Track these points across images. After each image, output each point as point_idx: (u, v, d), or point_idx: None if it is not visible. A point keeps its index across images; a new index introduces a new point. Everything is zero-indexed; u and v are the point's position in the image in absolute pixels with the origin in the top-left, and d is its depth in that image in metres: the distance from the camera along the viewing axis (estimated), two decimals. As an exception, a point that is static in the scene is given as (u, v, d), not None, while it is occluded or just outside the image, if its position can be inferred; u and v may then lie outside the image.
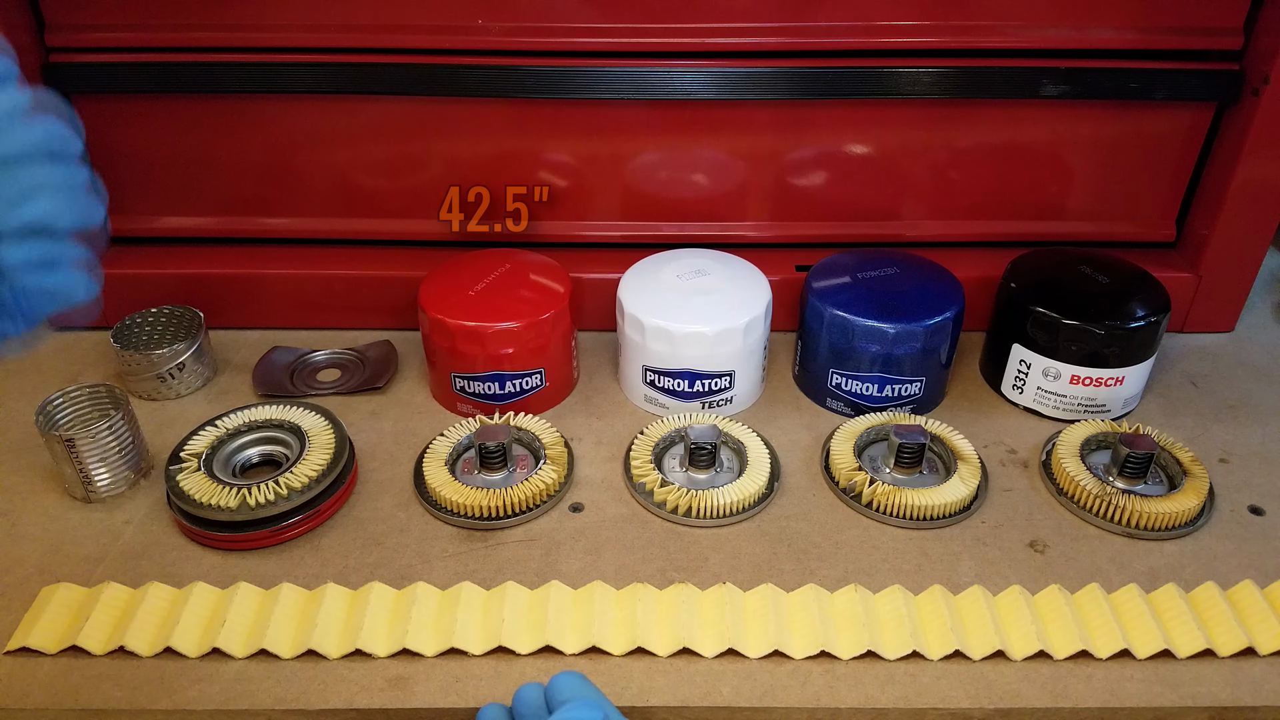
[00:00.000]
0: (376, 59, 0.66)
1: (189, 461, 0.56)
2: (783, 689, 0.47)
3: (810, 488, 0.60)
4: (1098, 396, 0.64)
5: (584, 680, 0.42)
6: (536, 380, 0.65)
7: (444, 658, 0.48)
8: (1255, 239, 0.71)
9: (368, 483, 0.60)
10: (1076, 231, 0.75)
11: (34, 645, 0.48)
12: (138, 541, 0.55)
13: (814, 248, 0.74)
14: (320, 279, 0.73)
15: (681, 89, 0.67)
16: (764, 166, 0.72)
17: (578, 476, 0.61)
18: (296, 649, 0.48)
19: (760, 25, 0.66)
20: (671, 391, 0.65)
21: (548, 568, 0.54)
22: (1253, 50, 0.66)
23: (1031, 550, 0.55)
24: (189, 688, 0.47)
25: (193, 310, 0.69)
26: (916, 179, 0.73)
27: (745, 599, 0.51)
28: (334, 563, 0.54)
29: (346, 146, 0.71)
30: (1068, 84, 0.67)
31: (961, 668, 0.48)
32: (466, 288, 0.64)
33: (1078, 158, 0.72)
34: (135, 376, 0.66)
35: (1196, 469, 0.58)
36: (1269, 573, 0.54)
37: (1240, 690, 0.47)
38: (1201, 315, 0.75)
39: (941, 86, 0.67)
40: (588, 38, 0.66)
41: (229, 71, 0.67)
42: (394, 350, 0.72)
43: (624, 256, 0.70)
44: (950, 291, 0.65)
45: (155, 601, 0.50)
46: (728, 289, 0.65)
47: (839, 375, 0.65)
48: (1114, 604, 0.51)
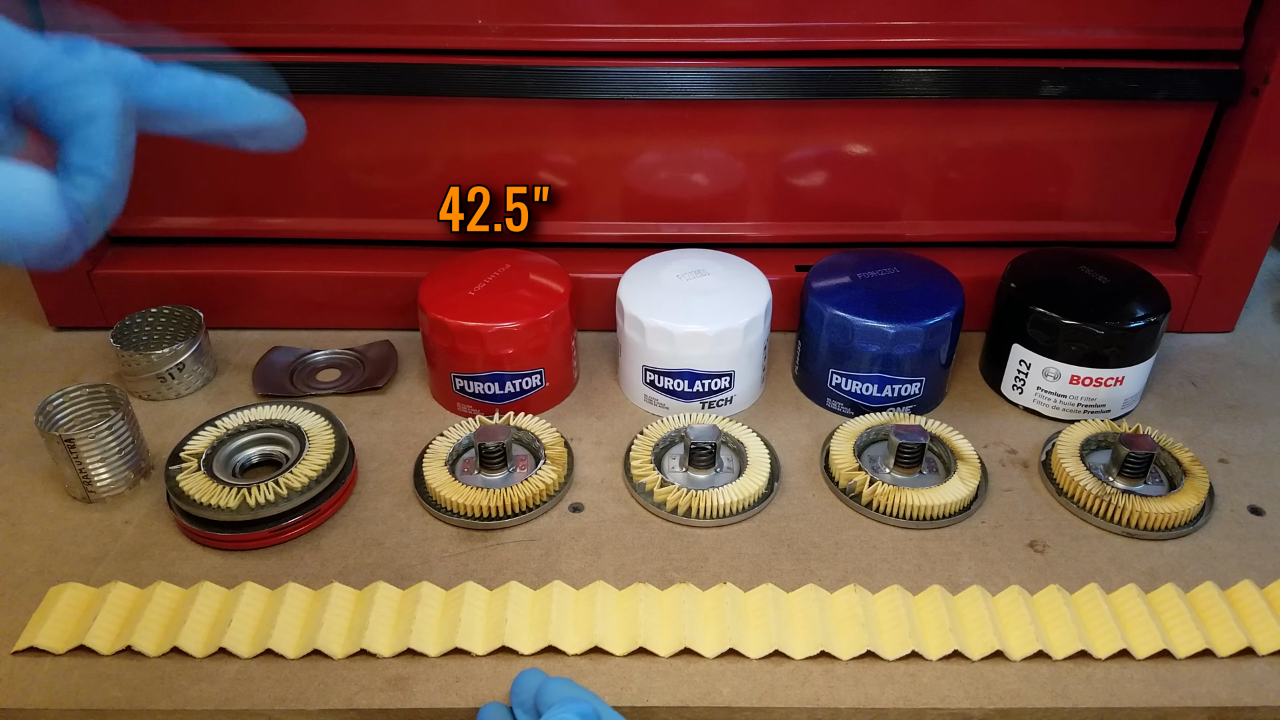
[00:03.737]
0: (376, 59, 0.66)
1: (189, 461, 0.56)
2: (783, 689, 0.47)
3: (810, 488, 0.60)
4: (1097, 396, 0.64)
5: (574, 684, 0.43)
6: (536, 380, 0.65)
7: (444, 657, 0.48)
8: (1255, 239, 0.71)
9: (368, 483, 0.60)
10: (1076, 231, 0.75)
11: (42, 645, 0.48)
12: (138, 541, 0.55)
13: (814, 248, 0.74)
14: (320, 279, 0.73)
15: (681, 89, 0.67)
16: (764, 166, 0.72)
17: (578, 476, 0.61)
18: (302, 649, 0.48)
19: (760, 25, 0.66)
20: (671, 391, 0.65)
21: (548, 568, 0.54)
22: (1253, 50, 0.66)
23: (1031, 550, 0.55)
24: (189, 688, 0.47)
25: (193, 310, 0.69)
26: (916, 179, 0.73)
27: (745, 599, 0.51)
28: (334, 563, 0.54)
29: (346, 146, 0.71)
30: (1068, 84, 0.67)
31: (961, 668, 0.48)
32: (466, 288, 0.64)
33: (1078, 158, 0.72)
34: (135, 376, 0.66)
35: (1196, 469, 0.58)
36: (1268, 573, 0.54)
37: (1239, 690, 0.47)
38: (1201, 315, 0.75)
39: (941, 86, 0.67)
40: (588, 38, 0.66)
41: (229, 71, 0.66)
42: (394, 350, 0.72)
43: (624, 256, 0.70)
44: (950, 291, 0.65)
45: (162, 601, 0.50)
46: (727, 289, 0.65)
47: (839, 375, 0.65)
48: (1113, 604, 0.51)
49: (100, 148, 0.30)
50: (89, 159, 0.30)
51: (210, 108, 0.34)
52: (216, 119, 0.34)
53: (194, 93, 0.34)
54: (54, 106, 0.30)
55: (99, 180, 0.30)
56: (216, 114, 0.34)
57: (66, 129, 0.30)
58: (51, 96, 0.30)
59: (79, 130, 0.30)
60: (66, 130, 0.30)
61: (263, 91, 0.35)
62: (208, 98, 0.34)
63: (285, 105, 0.36)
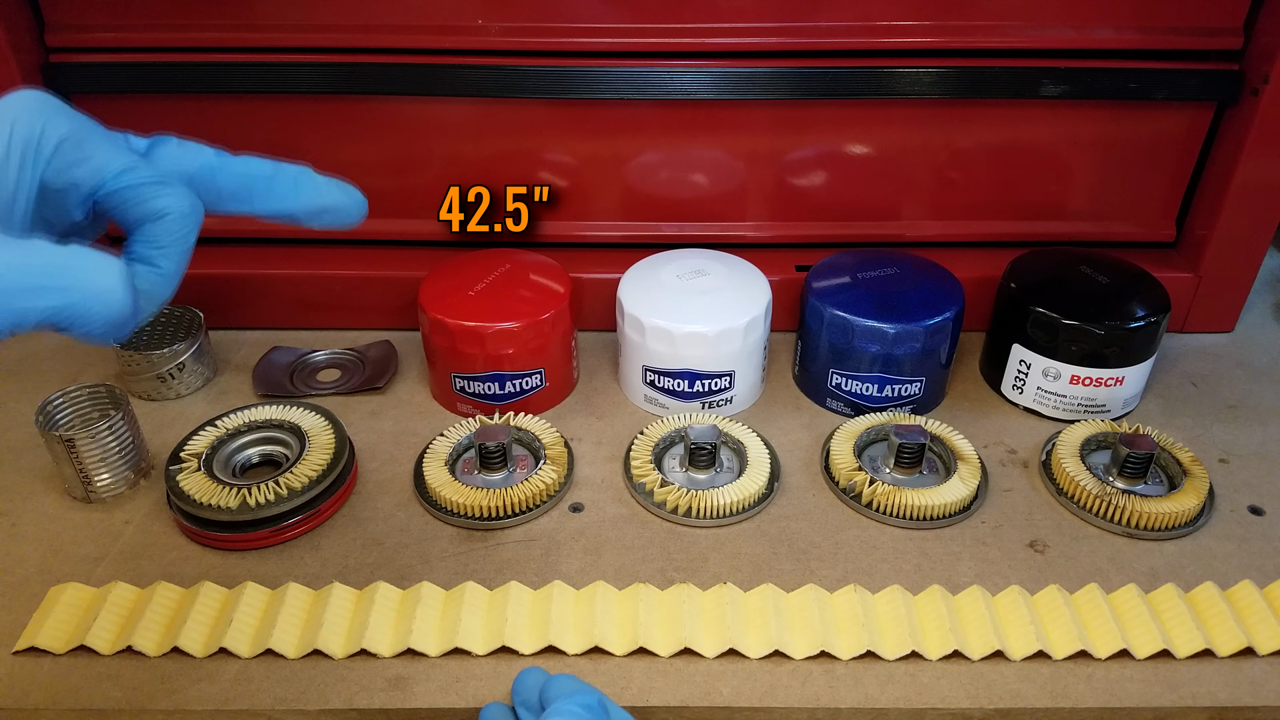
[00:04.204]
0: (376, 59, 0.66)
1: (189, 461, 0.56)
2: (783, 689, 0.47)
3: (810, 488, 0.60)
4: (1098, 396, 0.64)
5: (578, 680, 0.43)
6: (536, 380, 0.65)
7: (444, 657, 0.48)
8: (1255, 239, 0.71)
9: (368, 483, 0.60)
10: (1076, 231, 0.75)
11: (42, 645, 0.48)
12: (138, 541, 0.55)
13: (814, 248, 0.74)
14: (320, 279, 0.73)
15: (681, 89, 0.67)
16: (764, 166, 0.72)
17: (578, 476, 0.61)
18: (302, 649, 0.48)
19: (760, 25, 0.66)
20: (671, 391, 0.65)
21: (548, 568, 0.54)
22: (1253, 50, 0.66)
23: (1031, 550, 0.55)
24: (189, 688, 0.47)
25: (193, 310, 0.69)
26: (916, 179, 0.73)
27: (745, 599, 0.51)
28: (334, 563, 0.54)
29: (347, 146, 0.71)
30: (1068, 84, 0.67)
31: (961, 668, 0.48)
32: (466, 288, 0.64)
33: (1078, 158, 0.72)
34: (135, 376, 0.66)
35: (1196, 469, 0.58)
36: (1268, 573, 0.54)
37: (1239, 690, 0.47)
38: (1201, 315, 0.75)
39: (941, 86, 0.67)
40: (588, 37, 0.66)
41: (229, 71, 0.67)
42: (394, 350, 0.72)
43: (624, 256, 0.70)
44: (950, 291, 0.65)
45: (162, 601, 0.50)
46: (727, 289, 0.65)
47: (839, 375, 0.65)
48: (1113, 604, 0.51)
49: (164, 244, 0.34)
50: (152, 252, 0.34)
51: (278, 191, 0.37)
52: (282, 202, 0.38)
53: (262, 177, 0.37)
54: (129, 205, 0.34)
55: (158, 273, 0.34)
56: (283, 198, 0.37)
57: (136, 224, 0.34)
58: (127, 195, 0.34)
59: (147, 227, 0.34)
60: (136, 225, 0.35)
61: (328, 176, 0.38)
62: (275, 181, 0.37)
63: (349, 188, 0.39)
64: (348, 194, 0.39)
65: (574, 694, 0.40)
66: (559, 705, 0.39)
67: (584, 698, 0.39)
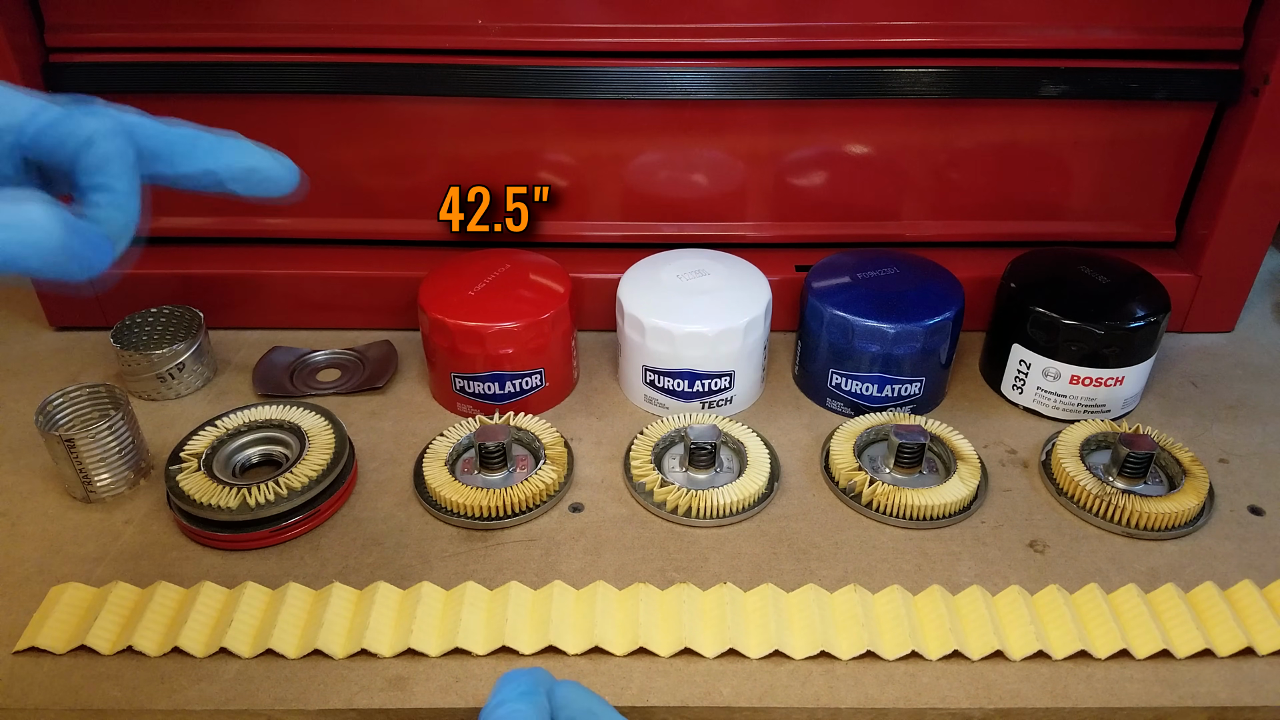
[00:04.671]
0: (376, 59, 0.66)
1: (189, 461, 0.56)
2: (783, 689, 0.47)
3: (810, 488, 0.60)
4: (1097, 396, 0.64)
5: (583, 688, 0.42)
6: (536, 380, 0.65)
7: (444, 657, 0.48)
8: (1255, 239, 0.71)
9: (367, 483, 0.60)
10: (1076, 231, 0.75)
11: (43, 645, 0.48)
12: (138, 541, 0.55)
13: (814, 248, 0.74)
14: (320, 279, 0.73)
15: (681, 89, 0.67)
16: (764, 166, 0.72)
17: (578, 476, 0.61)
18: (303, 649, 0.48)
19: (760, 25, 0.66)
20: (671, 391, 0.65)
21: (548, 568, 0.54)
22: (1253, 50, 0.66)
23: (1031, 550, 0.55)
24: (189, 688, 0.47)
25: (193, 310, 0.69)
26: (916, 179, 0.73)
27: (745, 599, 0.51)
28: (334, 563, 0.54)
29: (346, 146, 0.71)
30: (1068, 84, 0.67)
31: (961, 668, 0.48)
32: (466, 288, 0.64)
33: (1078, 158, 0.72)
34: (135, 376, 0.66)
35: (1196, 469, 0.58)
36: (1268, 573, 0.54)
37: (1239, 690, 0.47)
38: (1201, 315, 0.75)
39: (941, 86, 0.67)
40: (587, 38, 0.66)
41: (229, 71, 0.67)
42: (394, 350, 0.72)
43: (624, 256, 0.70)
44: (950, 291, 0.65)
45: (162, 601, 0.50)
46: (727, 289, 0.65)
47: (839, 375, 0.65)
48: (1113, 604, 0.51)
49: (105, 167, 0.33)
50: (99, 180, 0.33)
51: (201, 149, 0.37)
52: (205, 159, 0.37)
53: (186, 138, 0.36)
54: (56, 144, 0.33)
55: (114, 198, 0.33)
56: (205, 155, 0.37)
57: (72, 161, 0.33)
58: (49, 134, 0.33)
59: (82, 158, 0.33)
60: (72, 163, 0.33)
61: (258, 143, 0.38)
62: (199, 141, 0.37)
63: (280, 155, 0.38)
64: (278, 159, 0.38)
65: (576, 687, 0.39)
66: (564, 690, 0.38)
67: (588, 696, 0.38)
